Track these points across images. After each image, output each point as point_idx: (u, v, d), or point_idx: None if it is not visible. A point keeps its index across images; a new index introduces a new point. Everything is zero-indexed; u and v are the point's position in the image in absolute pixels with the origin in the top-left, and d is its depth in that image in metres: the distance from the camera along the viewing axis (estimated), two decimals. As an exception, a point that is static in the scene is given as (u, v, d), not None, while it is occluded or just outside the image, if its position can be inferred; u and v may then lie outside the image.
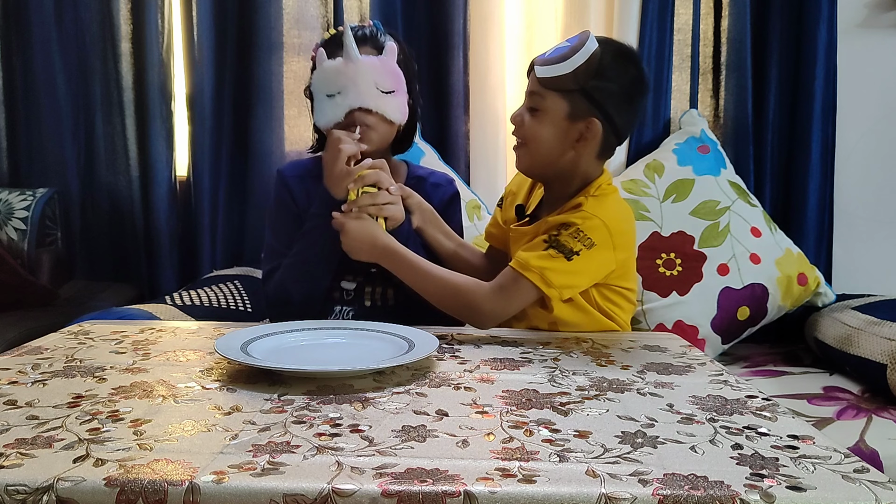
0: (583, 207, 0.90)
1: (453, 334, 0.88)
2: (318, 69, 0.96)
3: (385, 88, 0.95)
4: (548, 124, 0.92)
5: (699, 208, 1.41)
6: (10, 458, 0.48)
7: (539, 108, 0.92)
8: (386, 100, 0.95)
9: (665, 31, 1.56)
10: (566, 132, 0.92)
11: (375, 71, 0.95)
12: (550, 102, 0.91)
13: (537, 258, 0.87)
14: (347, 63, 0.94)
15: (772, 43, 1.55)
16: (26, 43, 1.57)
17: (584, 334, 0.90)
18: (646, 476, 0.47)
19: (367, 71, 0.94)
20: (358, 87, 0.94)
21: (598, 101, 0.91)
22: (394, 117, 0.97)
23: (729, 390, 0.67)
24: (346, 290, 1.00)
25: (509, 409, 0.60)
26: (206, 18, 1.56)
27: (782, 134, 1.58)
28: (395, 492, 0.44)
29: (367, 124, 0.95)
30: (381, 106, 0.95)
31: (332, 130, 0.94)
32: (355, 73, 0.93)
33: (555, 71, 0.90)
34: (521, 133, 0.94)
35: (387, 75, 0.96)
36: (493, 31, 1.57)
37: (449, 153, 1.59)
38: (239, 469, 0.47)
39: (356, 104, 0.94)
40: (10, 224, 1.50)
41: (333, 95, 0.95)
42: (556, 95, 0.91)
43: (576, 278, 0.89)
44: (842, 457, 0.51)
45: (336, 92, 0.94)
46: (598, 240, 0.88)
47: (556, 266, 0.86)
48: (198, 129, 1.58)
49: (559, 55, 0.91)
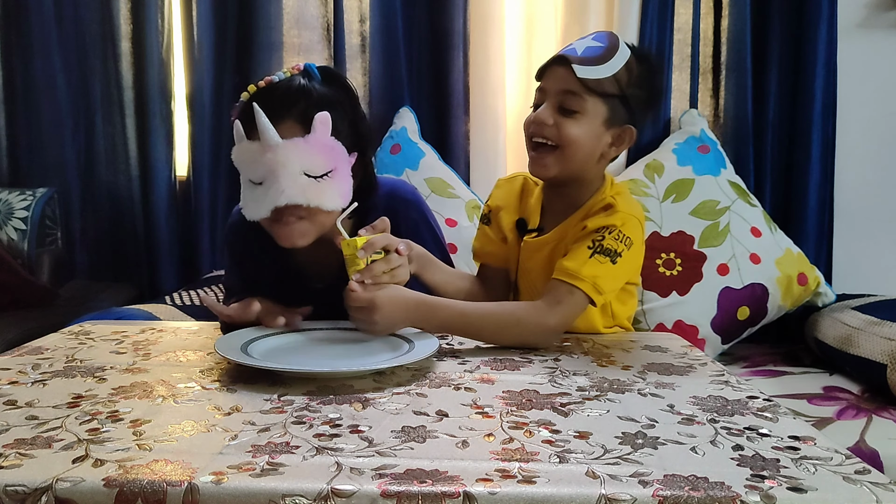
0: (616, 208, 0.87)
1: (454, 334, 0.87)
2: (236, 147, 0.81)
3: (317, 173, 0.78)
4: (587, 128, 0.86)
5: (699, 208, 1.41)
6: (9, 458, 0.48)
7: (578, 111, 0.86)
8: (319, 188, 0.79)
9: (665, 31, 1.56)
10: (599, 137, 0.87)
11: (302, 155, 0.78)
12: (590, 104, 0.85)
13: (587, 267, 0.83)
14: (265, 149, 0.77)
15: (772, 43, 1.55)
16: (26, 42, 1.57)
17: (584, 335, 0.90)
18: (646, 477, 0.46)
19: (291, 158, 0.77)
20: (280, 181, 0.77)
21: (633, 108, 0.88)
22: (332, 206, 0.80)
23: (730, 391, 0.66)
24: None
25: (509, 409, 0.60)
26: (206, 18, 1.55)
27: (782, 134, 1.57)
28: (395, 492, 0.44)
29: (300, 216, 0.80)
30: (313, 198, 0.78)
31: (204, 298, 0.80)
32: (275, 164, 0.77)
33: (598, 73, 0.84)
34: (554, 136, 0.86)
35: (318, 156, 0.79)
36: (494, 31, 1.57)
37: (449, 153, 1.59)
38: (238, 469, 0.47)
39: (282, 202, 0.77)
40: (10, 224, 1.50)
41: (256, 185, 0.79)
42: (596, 98, 0.85)
43: (619, 281, 0.87)
44: (843, 458, 0.51)
45: (259, 181, 0.79)
46: (635, 238, 0.86)
47: (605, 272, 0.83)
48: (198, 129, 1.58)
49: (597, 55, 0.85)
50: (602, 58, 0.85)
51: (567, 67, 0.86)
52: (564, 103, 0.86)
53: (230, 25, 1.57)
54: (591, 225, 0.87)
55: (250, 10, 1.56)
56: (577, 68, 0.85)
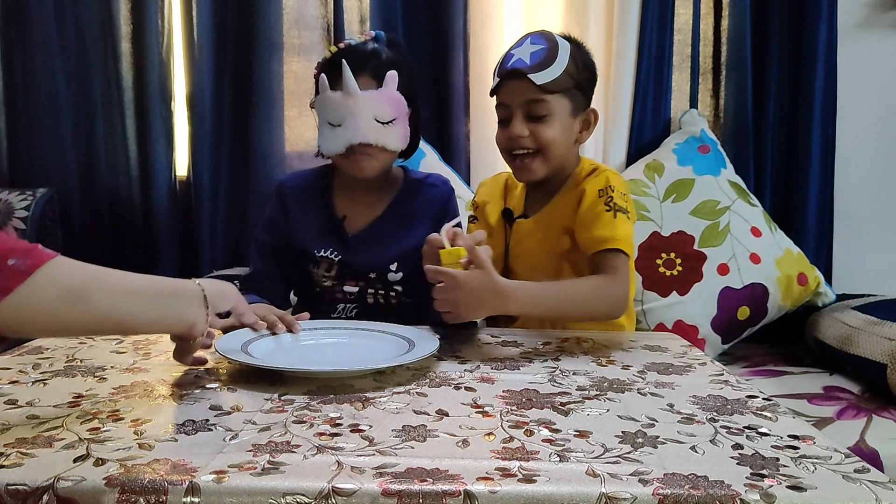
0: (600, 169, 0.96)
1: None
2: (321, 96, 0.97)
3: (385, 119, 0.95)
4: (559, 126, 0.94)
5: (699, 208, 1.41)
6: (10, 457, 0.48)
7: (547, 114, 0.93)
8: (385, 132, 0.96)
9: (665, 31, 1.56)
10: (571, 128, 0.96)
11: (375, 104, 0.95)
12: (555, 104, 0.93)
13: (617, 228, 0.89)
14: (346, 97, 0.94)
15: (772, 43, 1.55)
16: (26, 43, 1.57)
17: (584, 334, 0.90)
18: (646, 476, 0.47)
19: (366, 105, 0.94)
20: (357, 121, 0.94)
21: (588, 90, 0.97)
22: (394, 147, 0.97)
23: (729, 390, 0.67)
24: (349, 293, 1.01)
25: (510, 408, 0.60)
26: (206, 18, 1.55)
27: (782, 134, 1.58)
28: (395, 491, 0.44)
29: (368, 154, 0.96)
30: (381, 139, 0.95)
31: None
32: (354, 107, 0.94)
33: (553, 73, 0.92)
34: (533, 143, 0.94)
35: (387, 106, 0.96)
36: (494, 32, 1.57)
37: (449, 154, 1.59)
38: (239, 469, 0.47)
39: (355, 140, 0.94)
40: (11, 224, 1.50)
41: (335, 126, 0.95)
42: (558, 96, 0.93)
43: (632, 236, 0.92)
44: (842, 457, 0.51)
45: (338, 123, 0.95)
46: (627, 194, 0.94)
47: (628, 229, 0.91)
48: (198, 130, 1.58)
49: (545, 57, 0.92)
50: (550, 58, 0.93)
51: (522, 79, 0.92)
52: (532, 111, 0.94)
53: (230, 26, 1.57)
54: (589, 189, 0.93)
55: (250, 11, 1.56)
56: (534, 77, 0.92)
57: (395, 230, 1.01)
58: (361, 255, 1.00)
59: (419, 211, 1.02)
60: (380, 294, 1.01)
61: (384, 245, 1.01)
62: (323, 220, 1.03)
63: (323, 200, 1.04)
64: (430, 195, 1.05)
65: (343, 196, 1.04)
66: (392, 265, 1.00)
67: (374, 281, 1.01)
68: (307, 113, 1.05)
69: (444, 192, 1.07)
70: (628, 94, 1.58)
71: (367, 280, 1.01)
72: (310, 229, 1.02)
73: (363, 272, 1.00)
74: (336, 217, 1.02)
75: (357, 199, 1.03)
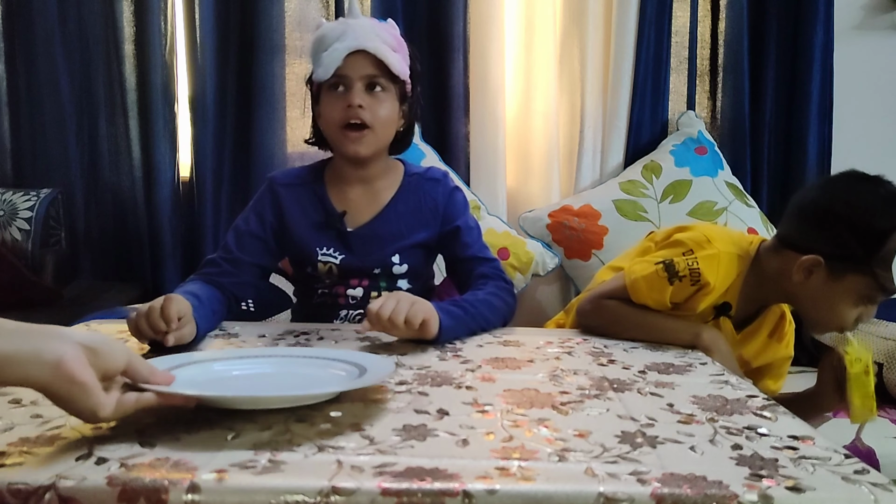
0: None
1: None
2: (318, 31, 0.93)
3: (388, 44, 0.91)
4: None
5: (696, 209, 1.42)
6: (12, 456, 0.49)
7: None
8: (389, 51, 0.91)
9: (663, 34, 1.57)
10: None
11: (379, 27, 0.92)
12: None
13: None
14: (347, 18, 0.92)
15: (769, 45, 1.56)
16: (30, 44, 1.58)
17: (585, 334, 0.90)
18: (644, 476, 0.47)
19: (370, 23, 0.92)
20: (357, 31, 0.89)
21: None
22: (398, 69, 0.92)
23: (730, 390, 0.67)
24: (352, 297, 0.99)
25: (510, 408, 0.60)
26: (208, 21, 1.56)
27: (779, 135, 1.58)
28: (395, 490, 0.44)
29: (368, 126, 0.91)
30: (384, 53, 0.89)
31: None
32: (356, 22, 0.91)
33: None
34: None
35: (390, 35, 0.93)
36: (493, 34, 1.58)
37: (449, 154, 1.59)
38: (240, 467, 0.47)
39: (355, 45, 0.89)
40: (15, 224, 1.51)
41: (328, 47, 0.90)
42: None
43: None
44: (842, 458, 0.51)
45: (333, 41, 0.90)
46: None
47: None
48: (200, 131, 1.59)
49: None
50: None
51: None
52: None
53: (232, 28, 1.58)
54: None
55: (252, 13, 1.56)
56: None
57: (396, 225, 0.98)
58: (364, 251, 0.96)
59: (421, 206, 0.99)
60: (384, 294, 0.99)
61: (385, 240, 0.97)
62: (321, 217, 0.98)
63: (318, 196, 0.99)
64: (430, 190, 1.00)
65: (337, 191, 0.99)
66: (394, 257, 0.97)
67: (378, 277, 0.98)
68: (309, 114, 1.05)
69: (447, 187, 1.02)
70: (626, 96, 1.59)
71: (372, 277, 0.98)
72: (308, 226, 0.97)
73: (367, 269, 0.97)
74: (334, 212, 0.97)
75: (354, 194, 0.99)
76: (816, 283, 0.83)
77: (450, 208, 1.00)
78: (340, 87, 0.92)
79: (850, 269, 0.81)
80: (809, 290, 0.84)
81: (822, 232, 0.83)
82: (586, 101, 1.60)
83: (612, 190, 1.53)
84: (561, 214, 1.53)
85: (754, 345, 0.94)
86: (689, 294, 0.86)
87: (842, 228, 0.81)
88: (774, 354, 0.96)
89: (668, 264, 0.85)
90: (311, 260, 0.98)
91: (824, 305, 0.84)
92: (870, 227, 0.80)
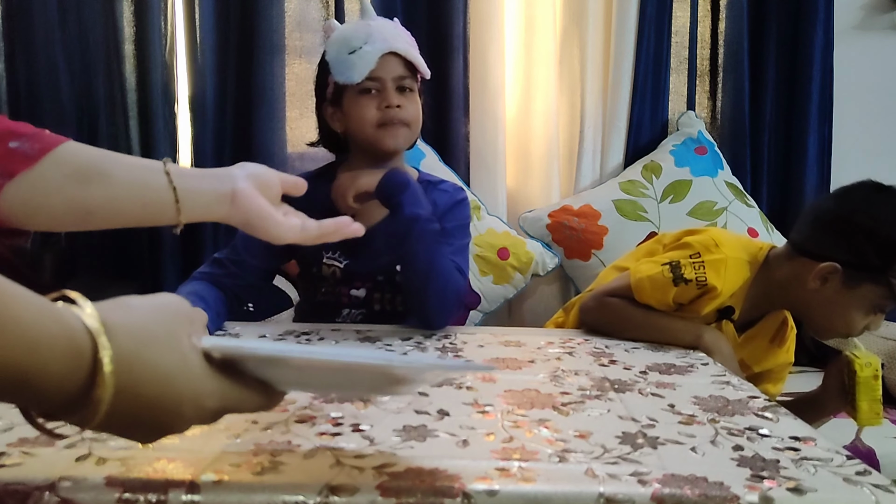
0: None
1: (457, 333, 0.88)
2: (336, 32, 0.94)
3: (410, 44, 0.95)
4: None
5: (696, 209, 1.42)
6: (12, 456, 0.48)
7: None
8: (416, 52, 0.94)
9: (663, 34, 1.57)
10: None
11: (398, 27, 0.96)
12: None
13: None
14: (367, 20, 0.93)
15: (769, 45, 1.56)
16: (30, 44, 1.57)
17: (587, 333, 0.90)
18: (645, 476, 0.47)
19: (391, 25, 0.95)
20: (384, 33, 0.92)
21: None
22: (425, 71, 0.96)
23: (731, 391, 0.67)
24: (356, 297, 0.99)
25: (510, 408, 0.60)
26: (208, 21, 1.56)
27: (779, 135, 1.58)
28: (395, 491, 0.44)
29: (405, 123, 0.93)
30: (413, 54, 0.93)
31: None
32: (378, 25, 0.93)
33: None
34: None
35: (408, 34, 0.96)
36: (493, 34, 1.58)
37: (449, 155, 1.59)
38: (240, 467, 0.47)
39: (385, 48, 0.91)
40: (12, 225, 1.50)
41: (357, 49, 0.90)
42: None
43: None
44: (843, 459, 0.51)
45: (361, 44, 0.90)
46: None
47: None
48: (200, 132, 1.59)
49: None
50: None
51: None
52: None
53: (232, 28, 1.58)
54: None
55: (252, 14, 1.56)
56: None
57: None
58: (368, 258, 0.97)
59: None
60: (386, 299, 0.99)
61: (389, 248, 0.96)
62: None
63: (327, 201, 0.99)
64: (437, 198, 0.99)
65: None
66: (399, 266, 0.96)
67: (381, 283, 0.98)
68: (308, 115, 1.05)
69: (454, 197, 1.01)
70: (626, 96, 1.59)
71: (375, 282, 0.98)
72: None
73: (371, 274, 0.97)
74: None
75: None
76: (830, 290, 0.84)
77: (447, 214, 0.99)
78: (373, 89, 0.93)
79: (866, 278, 0.82)
80: (822, 297, 0.85)
81: (841, 241, 0.83)
82: (586, 101, 1.60)
83: (612, 190, 1.53)
84: (561, 214, 1.53)
85: (755, 349, 0.94)
86: (694, 296, 0.86)
87: (860, 238, 0.82)
88: (776, 360, 0.96)
89: (675, 266, 0.86)
90: (316, 262, 0.99)
91: (836, 313, 0.85)
92: (888, 238, 0.81)
